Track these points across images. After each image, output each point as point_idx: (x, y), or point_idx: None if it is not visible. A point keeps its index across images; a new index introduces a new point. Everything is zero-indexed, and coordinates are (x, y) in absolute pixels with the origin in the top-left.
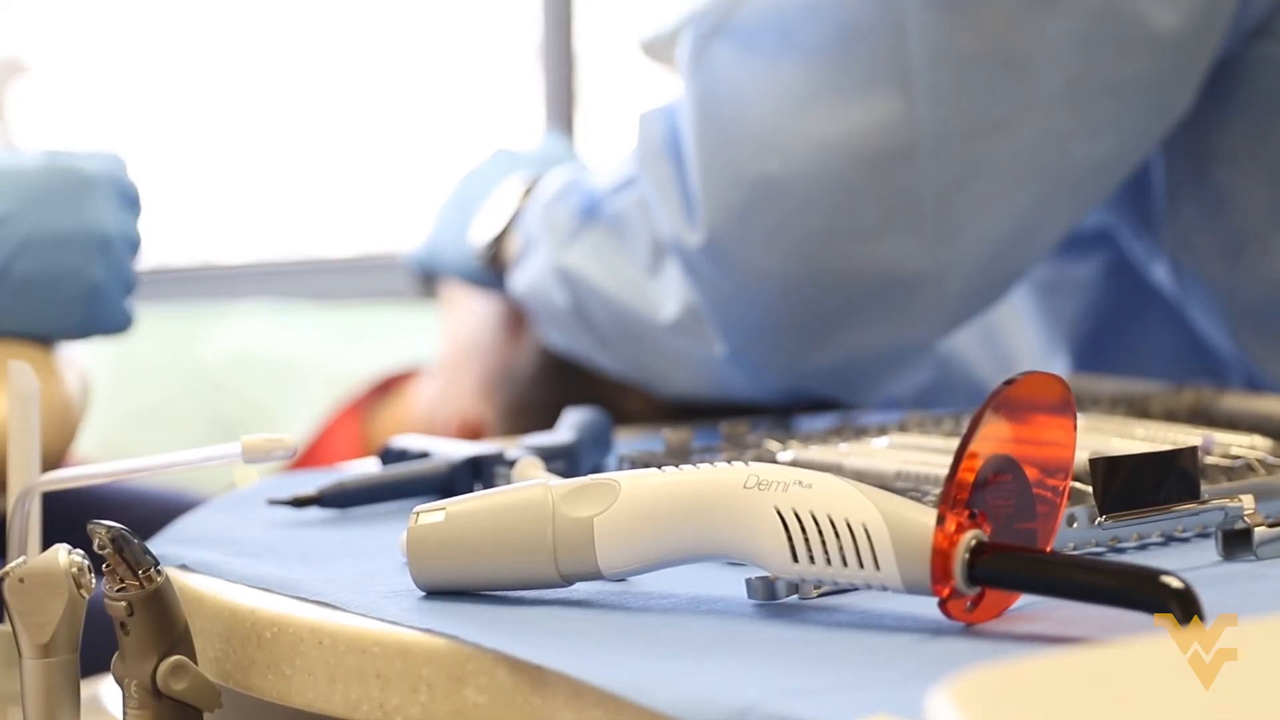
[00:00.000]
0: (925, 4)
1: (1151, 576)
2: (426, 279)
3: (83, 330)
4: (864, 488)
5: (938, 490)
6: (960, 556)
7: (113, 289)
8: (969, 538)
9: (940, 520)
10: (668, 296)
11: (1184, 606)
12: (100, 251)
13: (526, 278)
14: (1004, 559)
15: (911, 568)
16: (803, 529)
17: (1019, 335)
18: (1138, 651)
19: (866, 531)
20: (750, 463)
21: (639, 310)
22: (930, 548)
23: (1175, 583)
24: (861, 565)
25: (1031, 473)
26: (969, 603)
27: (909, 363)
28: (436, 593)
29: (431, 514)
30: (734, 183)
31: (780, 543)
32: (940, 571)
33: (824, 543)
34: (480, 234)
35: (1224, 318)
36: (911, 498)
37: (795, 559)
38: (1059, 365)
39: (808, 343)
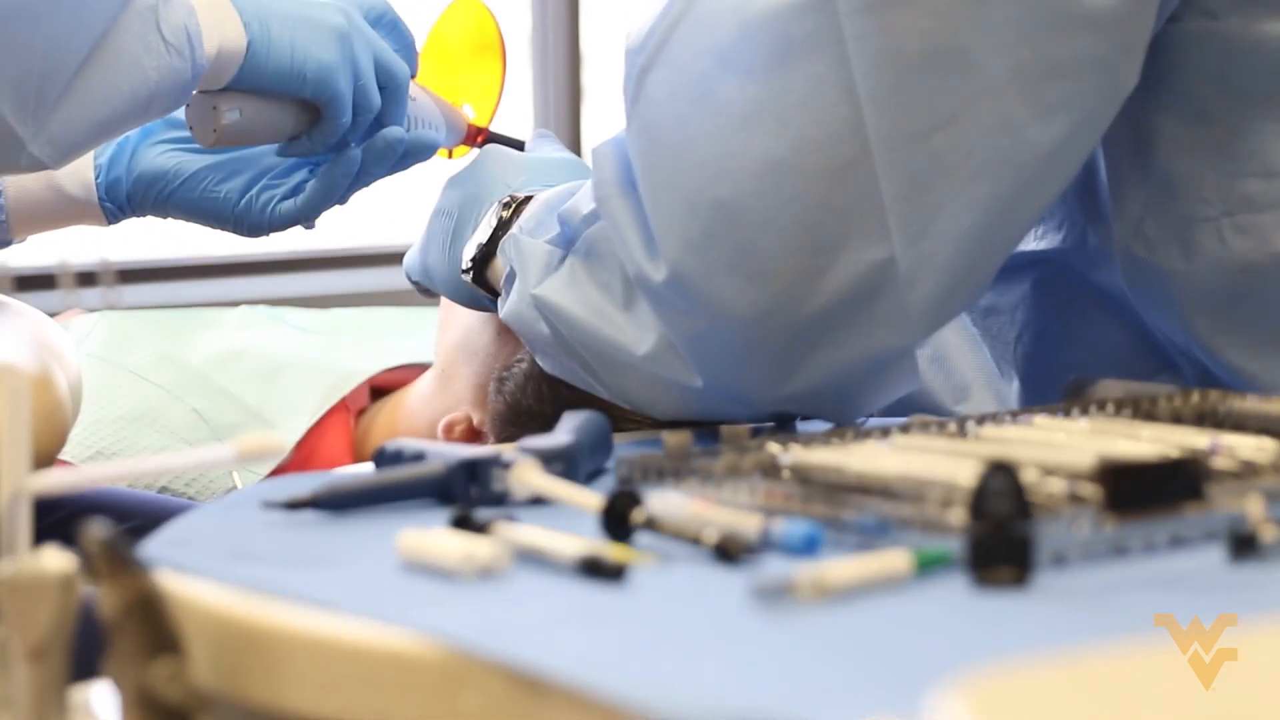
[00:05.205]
0: (859, 9)
1: None
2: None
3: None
4: None
5: (938, 491)
6: None
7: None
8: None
9: None
10: (643, 330)
11: None
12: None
13: (512, 307)
14: None
15: None
16: None
17: (969, 362)
18: (1138, 651)
19: None
20: None
21: (616, 343)
22: None
23: None
24: None
25: None
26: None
27: (891, 373)
28: None
29: None
30: (689, 213)
31: None
32: None
33: None
34: (464, 257)
35: (1178, 307)
36: (912, 500)
37: None
38: (1013, 385)
39: (786, 367)
